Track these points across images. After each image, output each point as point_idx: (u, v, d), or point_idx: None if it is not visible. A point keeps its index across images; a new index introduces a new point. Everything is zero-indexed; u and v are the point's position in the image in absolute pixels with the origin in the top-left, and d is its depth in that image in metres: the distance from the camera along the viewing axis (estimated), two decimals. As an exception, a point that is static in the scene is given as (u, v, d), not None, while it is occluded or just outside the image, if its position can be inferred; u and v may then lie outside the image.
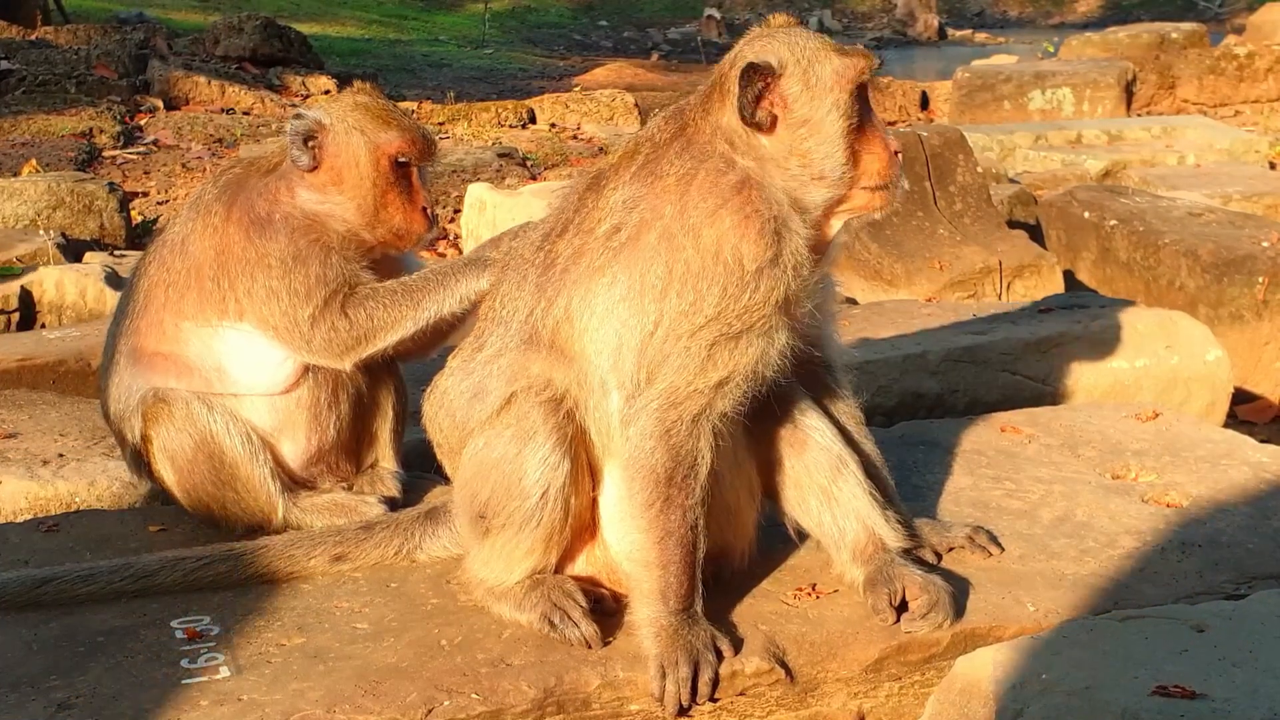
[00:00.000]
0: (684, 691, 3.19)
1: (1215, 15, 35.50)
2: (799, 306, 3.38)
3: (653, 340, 3.28)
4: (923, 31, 35.12)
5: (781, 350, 3.36)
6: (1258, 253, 7.38)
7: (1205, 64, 16.91)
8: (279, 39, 16.84)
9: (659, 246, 3.29)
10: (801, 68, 3.32)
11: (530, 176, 11.86)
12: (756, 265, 3.25)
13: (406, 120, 4.09)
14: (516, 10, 37.91)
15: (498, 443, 3.41)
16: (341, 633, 3.42)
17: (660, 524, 3.30)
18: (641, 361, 3.29)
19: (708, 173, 3.32)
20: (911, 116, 16.65)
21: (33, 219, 9.09)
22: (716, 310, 3.24)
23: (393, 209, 4.03)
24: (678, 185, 3.32)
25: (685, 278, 3.26)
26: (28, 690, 3.16)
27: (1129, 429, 4.67)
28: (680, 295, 3.26)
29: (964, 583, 3.57)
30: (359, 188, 4.00)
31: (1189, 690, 2.91)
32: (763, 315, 3.27)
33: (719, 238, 3.25)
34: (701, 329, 3.25)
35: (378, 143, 4.00)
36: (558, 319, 3.41)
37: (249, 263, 3.94)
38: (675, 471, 3.29)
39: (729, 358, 3.28)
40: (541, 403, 3.39)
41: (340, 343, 3.97)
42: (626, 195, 3.37)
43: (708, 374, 3.27)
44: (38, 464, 4.57)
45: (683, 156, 3.36)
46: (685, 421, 3.28)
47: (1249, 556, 3.76)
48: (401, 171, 4.04)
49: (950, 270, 7.78)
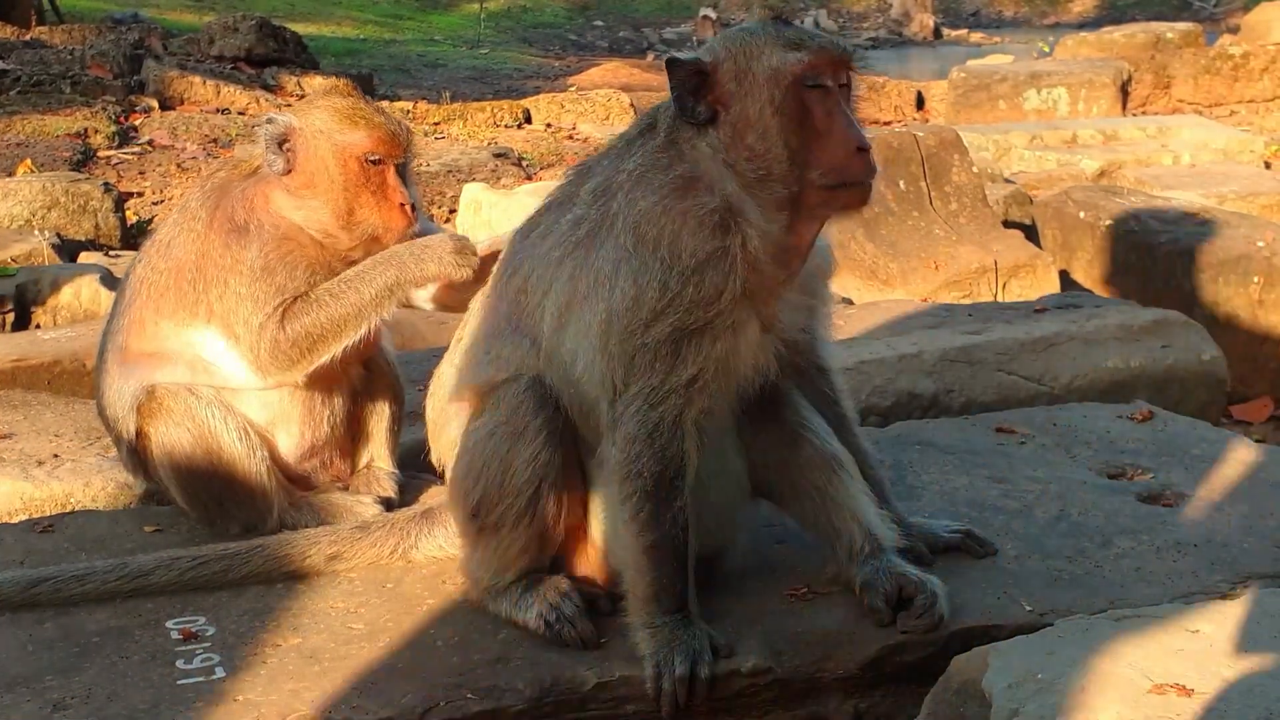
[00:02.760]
0: (680, 691, 3.19)
1: (1210, 15, 35.52)
2: (767, 305, 3.33)
3: (610, 338, 3.28)
4: (918, 31, 35.11)
5: (755, 347, 3.33)
6: (1253, 252, 7.38)
7: (1200, 64, 16.92)
8: (274, 39, 16.80)
9: (605, 240, 3.30)
10: (736, 64, 3.25)
11: (526, 176, 11.85)
12: (696, 260, 3.21)
13: (376, 118, 4.03)
14: (512, 10, 37.88)
15: (488, 440, 3.41)
16: (337, 633, 3.42)
17: (650, 528, 3.30)
18: (610, 362, 3.29)
19: (656, 167, 3.30)
20: (907, 116, 16.64)
21: (27, 219, 9.07)
22: (662, 305, 3.21)
23: (367, 209, 3.98)
24: (628, 179, 3.32)
25: (627, 273, 3.24)
26: (23, 690, 3.16)
27: (1124, 428, 4.67)
28: (624, 291, 3.24)
29: (959, 582, 3.57)
30: (330, 190, 3.96)
31: (1185, 689, 2.91)
32: (717, 310, 3.22)
33: (659, 232, 3.23)
34: (652, 325, 3.22)
35: (345, 143, 3.96)
36: (534, 311, 3.43)
37: (223, 269, 3.95)
38: (663, 475, 3.28)
39: (693, 355, 3.24)
40: (531, 398, 3.38)
41: (284, 356, 3.93)
42: (593, 186, 3.39)
43: (676, 372, 3.24)
44: (33, 464, 4.56)
45: (640, 151, 3.35)
46: (667, 423, 3.27)
47: (1244, 556, 3.76)
48: (374, 170, 3.99)
49: (946, 270, 7.78)
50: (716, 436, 3.45)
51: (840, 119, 3.25)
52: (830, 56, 3.26)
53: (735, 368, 3.33)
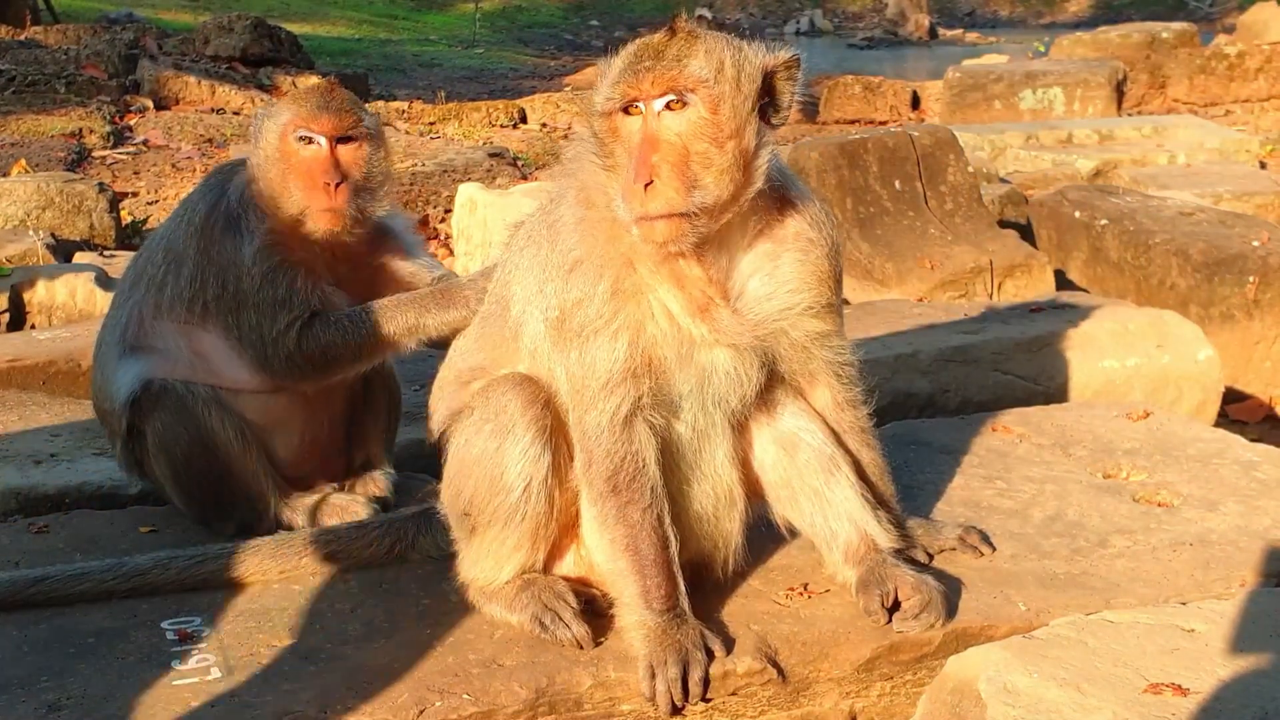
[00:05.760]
0: (675, 691, 3.18)
1: (1206, 15, 35.56)
2: (684, 308, 3.25)
3: (540, 340, 3.34)
4: (914, 31, 35.12)
5: (679, 349, 3.27)
6: (1248, 252, 7.39)
7: (1196, 63, 16.94)
8: (269, 39, 16.80)
9: (534, 238, 3.42)
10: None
11: (521, 176, 11.85)
12: (572, 261, 3.25)
13: (309, 96, 4.02)
14: (507, 10, 37.88)
15: (477, 438, 3.41)
16: (333, 633, 3.41)
17: (621, 528, 3.30)
18: (555, 366, 3.33)
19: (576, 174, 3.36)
20: (902, 116, 16.66)
21: (22, 219, 9.06)
22: (559, 306, 3.27)
23: (294, 187, 3.96)
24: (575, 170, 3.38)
25: (542, 274, 3.33)
26: (18, 691, 3.15)
27: (1120, 428, 4.67)
28: (540, 290, 3.33)
29: (956, 582, 3.58)
30: (271, 170, 3.99)
31: (1180, 688, 2.92)
32: (598, 310, 3.22)
33: (553, 233, 3.34)
34: (560, 325, 3.27)
35: (280, 121, 3.99)
36: (512, 307, 3.46)
37: (221, 267, 3.95)
38: (617, 477, 3.28)
39: (599, 355, 3.23)
40: (519, 394, 3.39)
41: (298, 368, 3.98)
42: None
43: (591, 374, 3.25)
44: (29, 465, 4.56)
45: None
46: (605, 426, 3.27)
47: (1239, 555, 3.76)
48: (305, 147, 3.97)
49: (941, 270, 7.78)
50: (699, 443, 3.43)
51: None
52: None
53: (665, 370, 3.28)
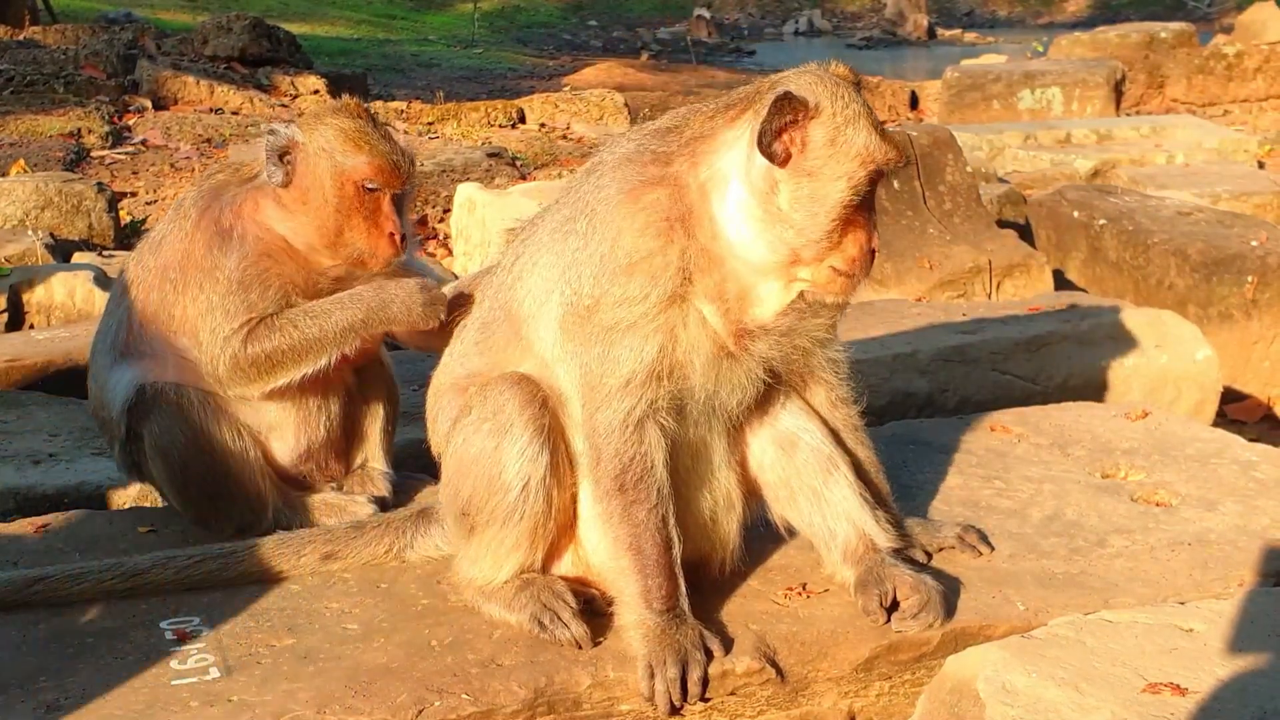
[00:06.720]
0: (674, 690, 3.18)
1: (1204, 15, 35.59)
2: (723, 326, 3.26)
3: (561, 332, 3.29)
4: (912, 31, 35.15)
5: (716, 365, 3.28)
6: (1246, 252, 7.40)
7: (1194, 63, 16.96)
8: (267, 39, 16.80)
9: (566, 229, 3.32)
10: (836, 122, 3.17)
11: (520, 176, 11.85)
12: (630, 260, 3.20)
13: (381, 145, 3.98)
14: (506, 10, 37.89)
15: (475, 437, 3.41)
16: (332, 633, 3.41)
17: (625, 527, 3.30)
18: (567, 361, 3.30)
19: (636, 164, 3.27)
20: (901, 116, 16.67)
21: (21, 219, 9.07)
22: (593, 298, 3.21)
23: (355, 233, 3.96)
24: (607, 167, 3.32)
25: (572, 264, 3.26)
26: (16, 691, 3.15)
27: (1118, 428, 4.67)
28: (568, 281, 3.27)
29: (954, 582, 3.58)
30: (322, 209, 3.94)
31: (1179, 688, 2.92)
32: (642, 311, 3.20)
33: (604, 225, 3.24)
34: (586, 319, 3.23)
35: (344, 167, 3.93)
36: (519, 304, 3.44)
37: (202, 271, 3.94)
38: (624, 476, 3.28)
39: (625, 354, 3.21)
40: (517, 393, 3.38)
41: (242, 373, 3.93)
42: (592, 179, 3.38)
43: (611, 371, 3.23)
44: (27, 464, 4.56)
45: (639, 137, 3.34)
46: (617, 426, 3.26)
47: (1237, 555, 3.77)
48: (370, 196, 3.96)
49: (940, 270, 7.78)
50: (698, 445, 3.44)
51: (873, 215, 3.33)
52: (901, 156, 3.27)
53: (686, 376, 3.28)
